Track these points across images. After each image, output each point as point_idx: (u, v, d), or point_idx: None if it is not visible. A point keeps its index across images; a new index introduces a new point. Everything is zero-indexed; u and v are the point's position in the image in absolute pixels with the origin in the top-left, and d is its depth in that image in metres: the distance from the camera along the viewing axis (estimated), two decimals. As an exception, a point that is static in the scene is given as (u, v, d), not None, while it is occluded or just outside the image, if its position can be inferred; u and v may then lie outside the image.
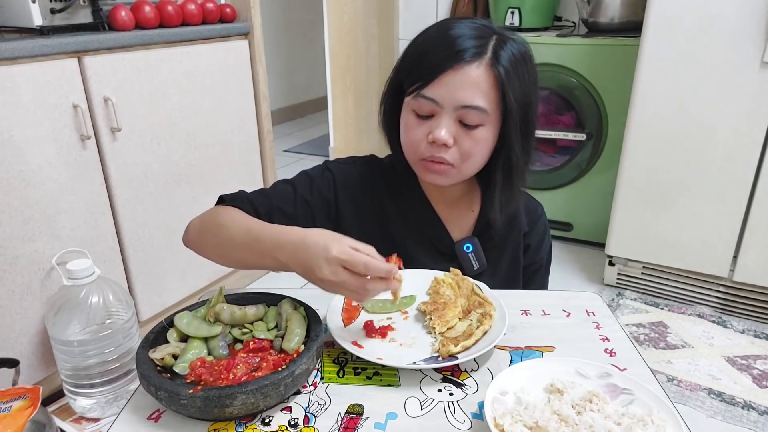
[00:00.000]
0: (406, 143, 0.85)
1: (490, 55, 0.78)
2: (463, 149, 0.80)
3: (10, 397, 0.77)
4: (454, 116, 0.79)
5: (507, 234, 0.96)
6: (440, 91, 0.78)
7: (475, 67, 0.77)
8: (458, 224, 0.94)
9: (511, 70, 0.78)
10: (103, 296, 1.28)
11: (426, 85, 0.78)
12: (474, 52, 0.77)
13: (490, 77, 0.78)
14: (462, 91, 0.77)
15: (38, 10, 1.35)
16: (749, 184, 1.74)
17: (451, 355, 0.68)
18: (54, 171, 1.36)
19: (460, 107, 0.78)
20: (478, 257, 0.93)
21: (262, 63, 1.95)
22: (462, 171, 0.83)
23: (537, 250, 1.01)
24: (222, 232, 0.80)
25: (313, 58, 4.83)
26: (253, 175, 2.01)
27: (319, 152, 3.92)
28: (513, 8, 2.43)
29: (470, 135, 0.80)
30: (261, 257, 0.74)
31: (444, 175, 0.83)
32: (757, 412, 1.45)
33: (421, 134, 0.81)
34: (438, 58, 0.78)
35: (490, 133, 0.81)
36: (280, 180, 0.92)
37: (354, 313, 0.78)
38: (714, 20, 1.65)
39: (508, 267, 0.98)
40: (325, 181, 0.91)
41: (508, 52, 0.78)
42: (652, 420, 0.56)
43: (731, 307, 1.91)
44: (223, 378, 0.61)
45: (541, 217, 1.01)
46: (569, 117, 2.33)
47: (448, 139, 0.78)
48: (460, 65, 0.77)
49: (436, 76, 0.77)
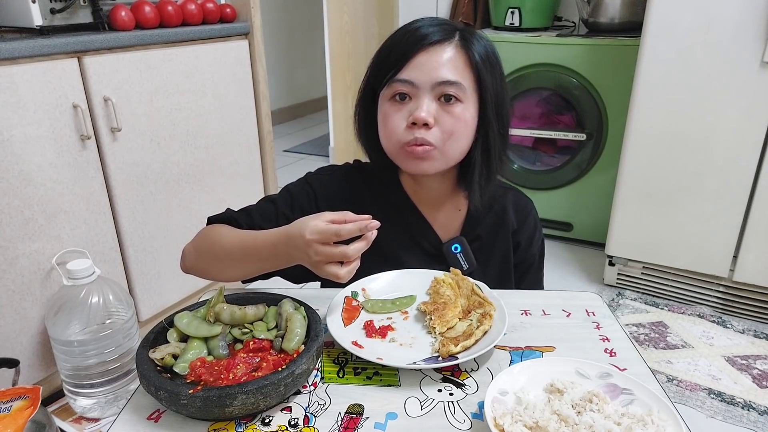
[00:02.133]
0: (386, 133, 0.85)
1: (457, 39, 0.82)
2: (445, 128, 0.81)
3: (10, 397, 0.77)
4: (431, 95, 0.81)
5: (495, 233, 0.96)
6: (415, 72, 0.80)
7: (445, 46, 0.81)
8: (445, 225, 0.94)
9: (482, 59, 0.82)
10: (103, 296, 1.28)
11: (400, 70, 0.80)
12: (442, 36, 0.81)
13: (462, 57, 0.81)
14: (436, 70, 0.80)
15: (38, 10, 1.34)
16: (749, 184, 1.74)
17: (451, 355, 0.68)
18: (54, 171, 1.36)
19: (437, 84, 0.80)
20: (467, 257, 0.93)
21: (262, 63, 1.95)
22: (445, 153, 0.83)
23: (528, 247, 1.00)
24: (217, 249, 0.83)
25: (313, 58, 4.83)
26: (253, 175, 2.01)
27: (319, 152, 3.92)
28: (513, 8, 2.43)
29: (450, 112, 0.81)
30: (262, 262, 0.78)
31: (428, 159, 0.83)
32: (757, 412, 1.45)
33: (401, 119, 0.82)
34: (408, 44, 0.81)
35: (468, 112, 0.82)
36: (263, 198, 0.95)
37: (354, 313, 0.78)
38: (714, 20, 1.65)
39: (499, 266, 0.97)
40: (305, 196, 0.92)
41: (477, 44, 0.83)
42: (652, 420, 0.56)
43: (731, 307, 1.91)
44: (223, 378, 0.61)
45: (530, 214, 1.01)
46: (569, 117, 2.33)
47: (428, 118, 0.79)
48: (432, 46, 0.80)
49: (409, 58, 0.80)
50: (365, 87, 0.89)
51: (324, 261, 0.69)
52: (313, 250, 0.69)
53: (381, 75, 0.83)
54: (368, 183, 0.94)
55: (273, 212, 0.90)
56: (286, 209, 0.90)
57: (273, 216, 0.89)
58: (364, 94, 0.89)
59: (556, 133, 2.34)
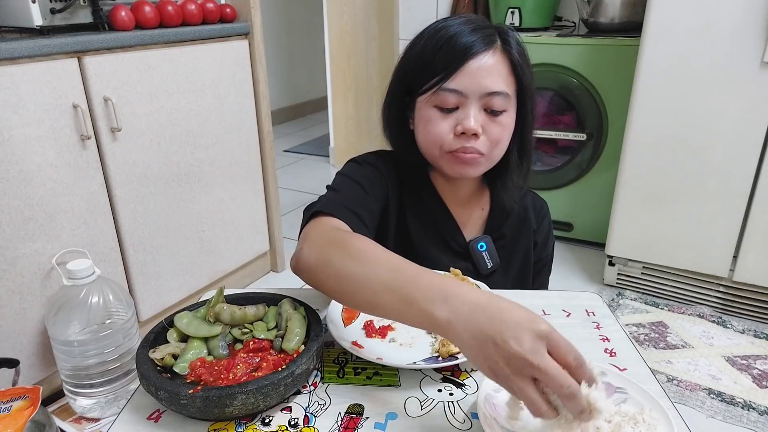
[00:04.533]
0: (429, 139, 0.84)
1: (500, 42, 0.81)
2: (492, 136, 0.82)
3: (10, 397, 0.77)
4: (479, 104, 0.80)
5: (518, 232, 0.97)
6: (464, 81, 0.79)
7: (491, 54, 0.79)
8: (470, 223, 0.95)
9: (521, 60, 0.82)
10: (103, 296, 1.28)
11: (447, 78, 0.79)
12: (487, 40, 0.79)
13: (506, 62, 0.81)
14: (485, 79, 0.79)
15: (38, 10, 1.34)
16: (749, 184, 1.74)
17: (451, 355, 0.68)
18: (54, 171, 1.36)
19: (486, 94, 0.79)
20: (492, 255, 0.94)
21: (262, 63, 1.95)
22: (491, 158, 0.84)
23: (543, 247, 1.02)
24: (357, 267, 0.63)
25: (313, 58, 4.83)
26: (253, 175, 2.01)
27: (319, 152, 3.92)
28: (513, 8, 2.43)
29: (497, 121, 0.81)
30: (407, 305, 0.57)
31: (474, 165, 0.83)
32: (757, 412, 1.45)
33: (447, 127, 0.81)
34: (455, 52, 0.79)
35: (511, 118, 0.83)
36: (342, 182, 0.85)
37: (354, 313, 0.78)
38: (714, 20, 1.65)
39: (520, 264, 0.99)
40: (373, 172, 0.89)
41: (515, 45, 0.82)
42: (643, 419, 0.56)
43: (731, 307, 1.90)
44: (223, 378, 0.61)
45: (547, 215, 1.03)
46: (569, 117, 2.33)
47: (478, 128, 0.79)
48: (478, 54, 0.78)
49: (458, 67, 0.78)
50: (397, 88, 0.86)
51: (534, 367, 0.48)
52: (537, 346, 0.48)
53: (422, 80, 0.81)
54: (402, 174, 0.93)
55: (362, 193, 0.84)
56: (376, 183, 0.87)
57: (366, 198, 0.84)
58: (396, 95, 0.87)
59: (556, 133, 2.34)
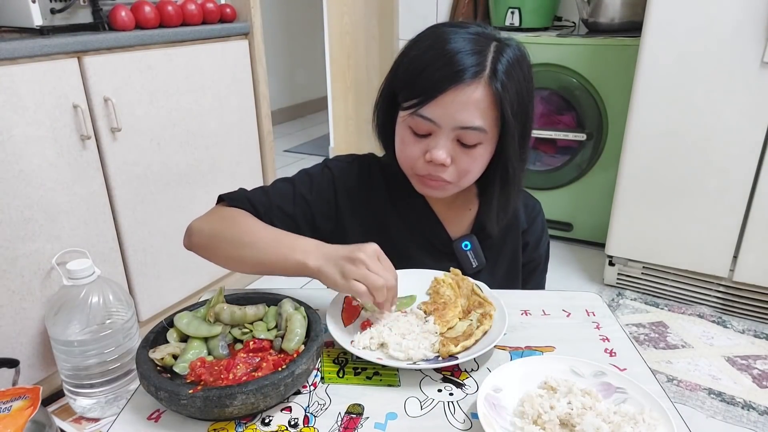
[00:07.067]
0: (402, 158, 0.84)
1: (488, 71, 0.76)
2: (461, 167, 0.80)
3: (10, 397, 0.77)
4: (452, 136, 0.78)
5: (505, 232, 0.96)
6: (438, 111, 0.76)
7: (474, 87, 0.75)
8: (456, 223, 0.94)
9: (508, 80, 0.77)
10: (103, 296, 1.28)
11: (424, 104, 0.76)
12: (474, 70, 0.75)
13: (489, 95, 0.76)
14: (461, 113, 0.76)
15: (38, 10, 1.34)
16: (749, 184, 1.74)
17: (451, 355, 0.68)
18: (54, 171, 1.36)
19: (459, 128, 0.77)
20: (477, 255, 0.93)
21: (262, 63, 1.95)
22: (459, 185, 0.84)
23: (535, 247, 1.01)
24: (245, 240, 0.79)
25: (313, 58, 4.82)
26: (253, 175, 2.01)
27: (319, 152, 3.92)
28: (513, 8, 2.43)
29: (468, 153, 0.79)
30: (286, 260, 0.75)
31: (441, 190, 0.84)
32: (757, 412, 1.45)
33: (418, 151, 0.80)
34: (437, 76, 0.75)
35: (487, 150, 0.81)
36: (279, 179, 0.92)
37: (354, 313, 0.78)
38: (714, 20, 1.65)
39: (508, 265, 0.98)
40: (324, 180, 0.91)
41: (504, 62, 0.77)
42: (643, 419, 0.56)
43: (731, 307, 1.90)
44: (223, 378, 0.61)
45: (539, 215, 1.02)
46: (569, 117, 2.33)
47: (445, 159, 0.78)
48: (460, 86, 0.74)
49: (435, 96, 0.75)
50: (387, 91, 0.86)
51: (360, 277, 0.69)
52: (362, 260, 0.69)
53: (405, 93, 0.79)
54: (385, 177, 0.93)
55: (290, 193, 0.88)
56: (304, 189, 0.89)
57: (290, 197, 0.88)
58: (385, 97, 0.86)
59: (556, 133, 2.34)
